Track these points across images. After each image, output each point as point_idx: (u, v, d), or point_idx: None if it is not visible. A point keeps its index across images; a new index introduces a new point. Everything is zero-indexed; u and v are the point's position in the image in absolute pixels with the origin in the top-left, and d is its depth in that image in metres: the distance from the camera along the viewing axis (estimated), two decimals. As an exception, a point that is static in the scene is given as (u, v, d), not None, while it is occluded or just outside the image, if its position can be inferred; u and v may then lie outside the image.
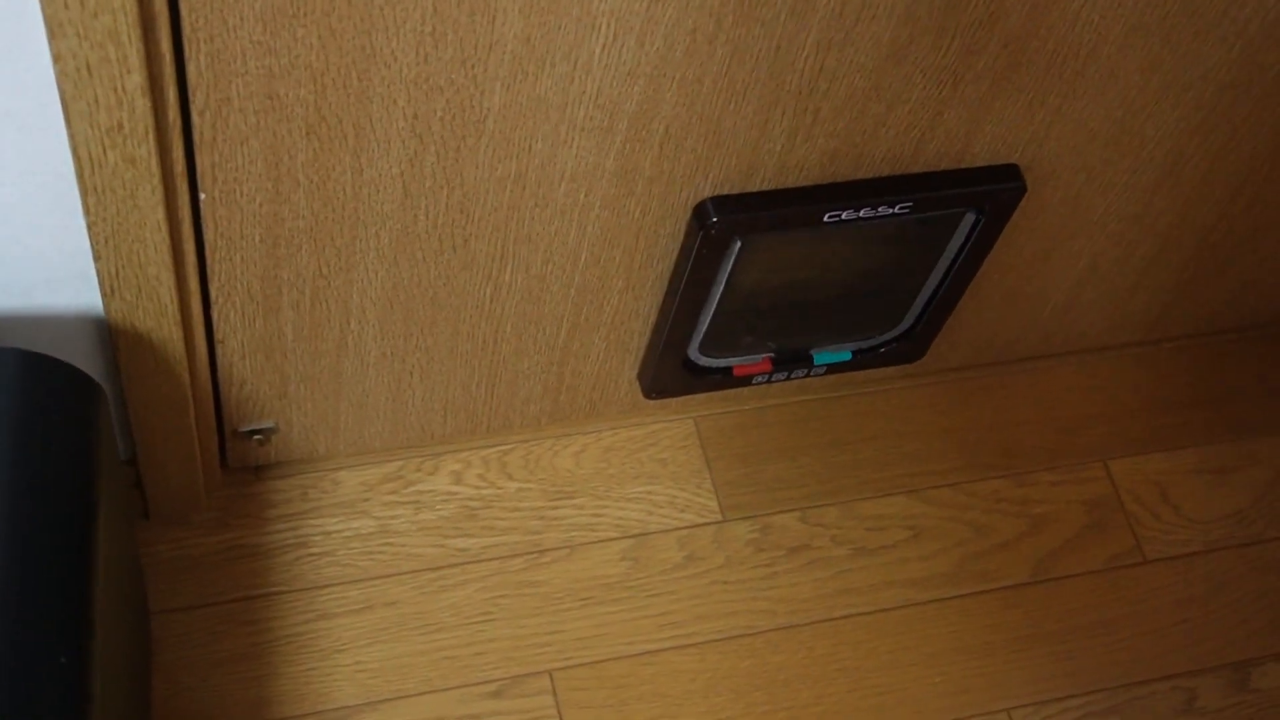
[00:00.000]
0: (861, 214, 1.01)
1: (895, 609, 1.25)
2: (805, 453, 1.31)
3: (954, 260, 1.10)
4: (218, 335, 1.00)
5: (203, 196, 0.88)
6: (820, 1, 0.86)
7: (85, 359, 0.98)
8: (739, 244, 1.02)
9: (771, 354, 1.17)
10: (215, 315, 0.98)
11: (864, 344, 1.20)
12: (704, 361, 1.16)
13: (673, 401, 1.26)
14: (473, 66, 0.84)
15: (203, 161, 0.85)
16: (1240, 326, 1.40)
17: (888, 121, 0.97)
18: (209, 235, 0.91)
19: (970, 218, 1.06)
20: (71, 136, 0.79)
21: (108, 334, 0.95)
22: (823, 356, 1.19)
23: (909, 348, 1.21)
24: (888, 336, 1.20)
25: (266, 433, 1.13)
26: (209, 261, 0.93)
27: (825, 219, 1.01)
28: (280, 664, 1.15)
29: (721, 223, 0.99)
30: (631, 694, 1.18)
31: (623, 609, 1.21)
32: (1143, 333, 1.36)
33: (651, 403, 1.22)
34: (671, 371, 1.15)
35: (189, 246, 0.90)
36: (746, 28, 0.86)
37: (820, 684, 1.21)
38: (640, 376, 1.18)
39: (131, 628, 1.02)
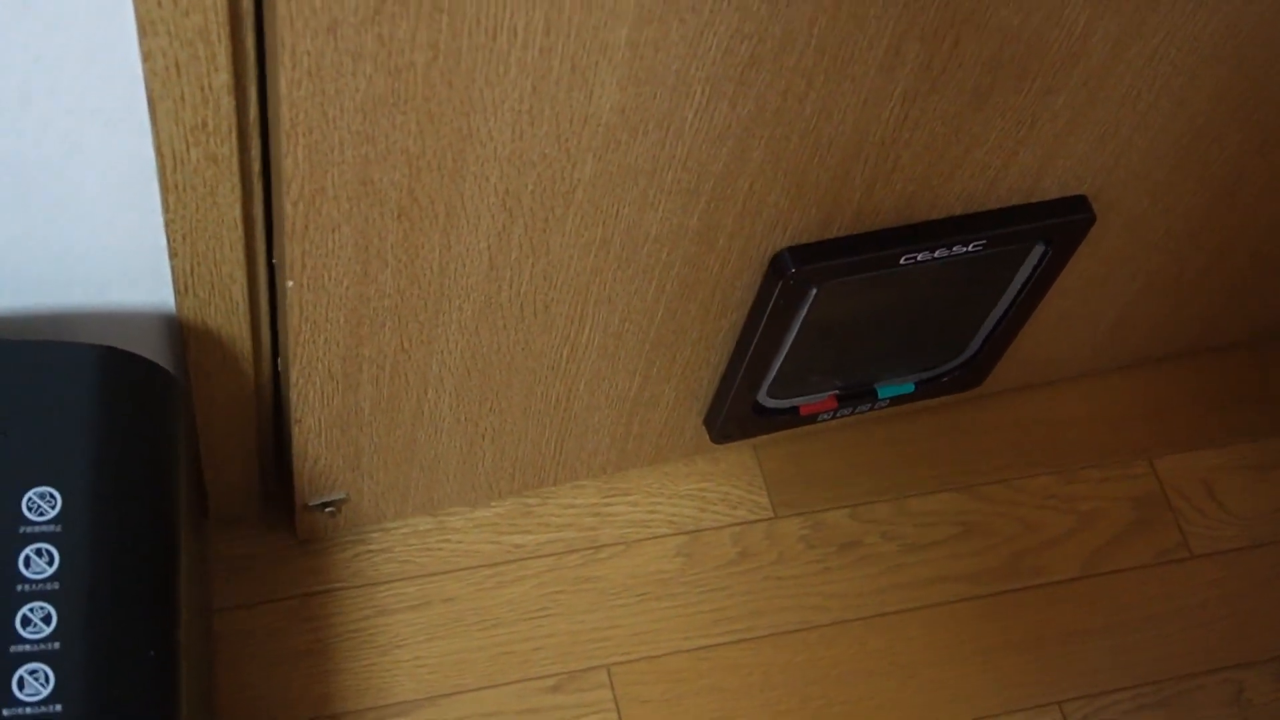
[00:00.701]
0: (936, 254, 1.01)
1: (946, 604, 1.26)
2: (855, 449, 1.31)
3: (1020, 290, 1.10)
4: (295, 415, 0.99)
5: (290, 284, 0.86)
6: (909, 55, 0.85)
7: (153, 355, 0.97)
8: (815, 291, 1.01)
9: (837, 391, 1.16)
10: (294, 396, 0.96)
11: (926, 375, 1.19)
12: (771, 404, 1.15)
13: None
14: (567, 140, 0.82)
15: (293, 250, 0.83)
16: (1286, 328, 1.41)
17: (964, 163, 0.96)
18: (294, 321, 0.89)
19: (1039, 249, 1.06)
20: (156, 134, 0.77)
21: (177, 330, 0.94)
22: (886, 390, 1.18)
23: (970, 375, 1.21)
24: (949, 366, 1.19)
25: (338, 504, 1.11)
26: (291, 346, 0.91)
27: (901, 261, 1.00)
28: (341, 659, 1.15)
29: (800, 273, 0.98)
30: (688, 688, 1.19)
31: (678, 604, 1.22)
32: (1190, 341, 1.36)
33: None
34: (740, 416, 1.14)
35: (261, 245, 0.89)
36: (837, 84, 0.85)
37: (874, 679, 1.22)
38: (708, 423, 1.17)
39: (201, 623, 1.02)
